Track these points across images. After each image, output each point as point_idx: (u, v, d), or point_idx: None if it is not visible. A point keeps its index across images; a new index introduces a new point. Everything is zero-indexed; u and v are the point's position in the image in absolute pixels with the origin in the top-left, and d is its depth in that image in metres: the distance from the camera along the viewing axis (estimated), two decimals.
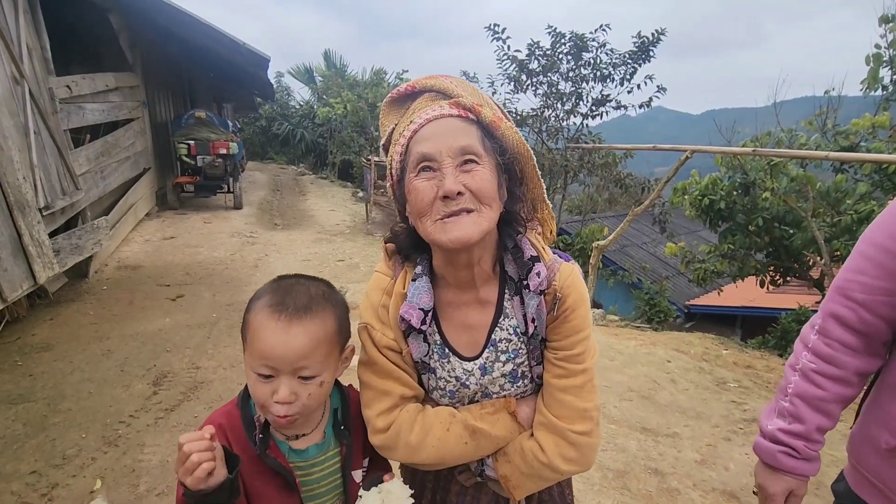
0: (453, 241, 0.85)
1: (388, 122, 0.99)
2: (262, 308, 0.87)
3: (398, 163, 0.92)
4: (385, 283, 1.01)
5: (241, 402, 0.94)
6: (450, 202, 0.85)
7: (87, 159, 5.10)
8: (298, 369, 0.86)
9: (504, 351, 0.98)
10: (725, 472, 2.60)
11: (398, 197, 0.95)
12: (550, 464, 0.95)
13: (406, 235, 0.98)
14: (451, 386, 1.00)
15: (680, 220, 11.81)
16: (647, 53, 7.88)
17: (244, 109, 17.25)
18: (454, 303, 1.00)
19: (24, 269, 3.46)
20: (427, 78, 0.96)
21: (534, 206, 1.00)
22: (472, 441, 0.96)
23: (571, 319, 0.95)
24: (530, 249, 0.95)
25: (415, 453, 0.96)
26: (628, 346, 4.33)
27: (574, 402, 0.95)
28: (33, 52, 4.09)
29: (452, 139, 0.86)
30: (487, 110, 0.90)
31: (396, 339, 0.98)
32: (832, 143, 5.34)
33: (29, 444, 2.51)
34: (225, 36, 7.07)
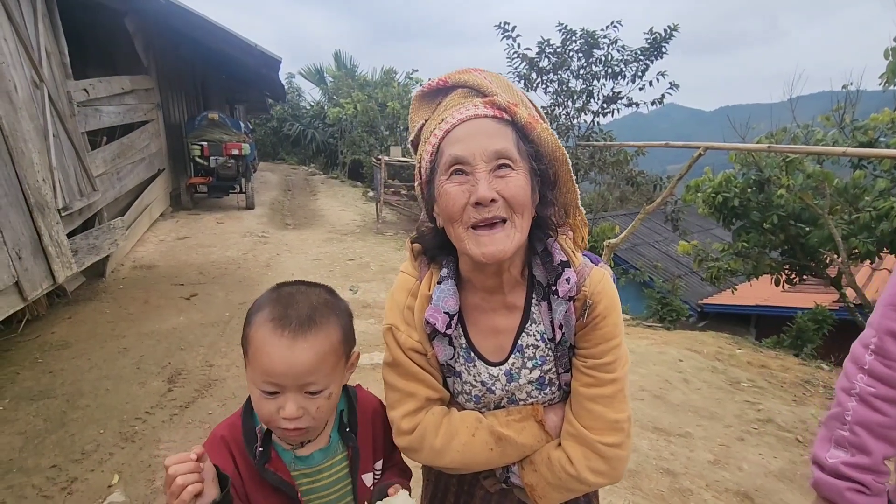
0: (487, 256, 0.83)
1: (418, 118, 0.96)
2: (263, 322, 0.83)
3: (428, 162, 0.89)
4: (410, 283, 0.99)
5: (245, 413, 0.92)
6: (482, 209, 0.82)
7: (104, 161, 5.19)
8: (305, 385, 0.83)
9: (531, 357, 0.96)
10: (739, 472, 2.58)
11: (426, 197, 0.92)
12: (579, 476, 0.92)
13: (433, 236, 0.96)
14: (476, 391, 0.98)
15: (692, 217, 11.67)
16: (660, 50, 7.78)
17: (256, 110, 17.42)
18: (480, 307, 0.97)
19: (44, 269, 3.54)
20: (459, 72, 0.93)
21: (566, 210, 0.96)
22: (498, 448, 0.94)
23: (602, 327, 0.92)
24: (560, 254, 0.92)
25: (439, 457, 0.95)
26: (640, 345, 4.30)
27: (604, 412, 0.92)
28: (52, 57, 4.18)
29: (487, 142, 0.83)
30: (523, 110, 0.87)
31: (421, 341, 0.96)
32: (850, 138, 5.23)
33: (49, 439, 2.57)
34: (238, 38, 7.15)
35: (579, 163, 8.40)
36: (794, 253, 5.96)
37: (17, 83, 3.46)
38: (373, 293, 5.02)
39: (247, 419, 0.91)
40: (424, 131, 0.93)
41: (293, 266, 5.81)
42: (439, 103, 0.94)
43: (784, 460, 2.67)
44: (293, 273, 5.50)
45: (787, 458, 2.69)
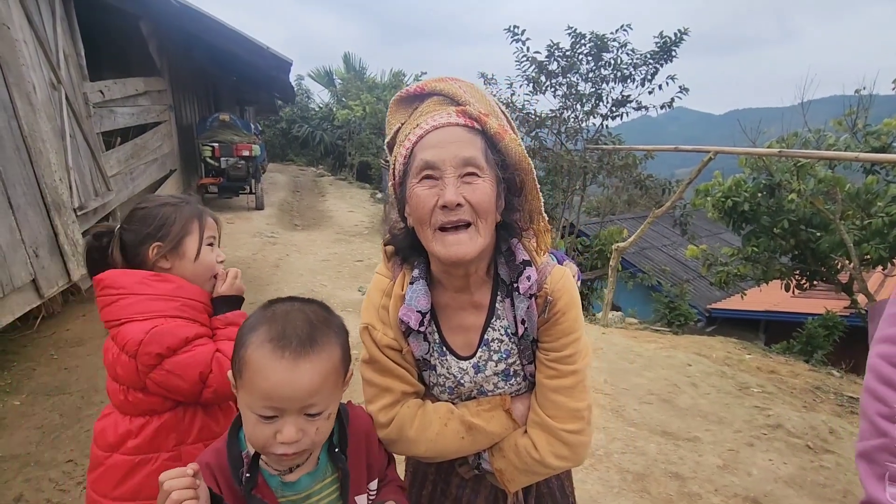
0: (451, 256, 0.89)
1: (395, 121, 1.01)
2: (261, 343, 0.79)
3: (402, 165, 0.95)
4: (384, 284, 1.04)
5: (230, 438, 0.88)
6: (449, 212, 0.88)
7: (118, 161, 5.27)
8: (306, 407, 0.80)
9: (496, 351, 1.02)
10: (748, 477, 2.57)
11: (398, 198, 0.98)
12: (543, 460, 0.99)
13: (404, 236, 1.01)
14: (450, 382, 1.05)
15: (701, 222, 11.59)
16: (670, 53, 7.76)
17: (265, 112, 17.56)
18: (450, 305, 1.03)
19: (60, 267, 3.60)
20: (436, 80, 0.98)
21: (531, 217, 1.01)
22: (469, 436, 1.01)
23: (562, 322, 0.98)
24: (522, 254, 0.98)
25: (415, 446, 1.01)
26: (648, 349, 4.29)
27: (566, 402, 0.99)
28: (69, 59, 4.26)
29: (456, 149, 0.88)
30: (493, 121, 0.92)
31: (397, 338, 1.01)
32: (862, 143, 5.19)
33: (65, 434, 2.62)
34: (249, 41, 7.23)
35: (588, 166, 8.39)
36: (804, 258, 5.91)
37: (37, 85, 3.53)
38: None
39: (232, 444, 0.87)
40: (400, 135, 0.99)
41: (302, 266, 5.86)
42: (415, 108, 0.99)
43: (794, 466, 2.66)
44: (302, 273, 5.55)
45: (796, 465, 2.67)
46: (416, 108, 0.99)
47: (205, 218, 1.28)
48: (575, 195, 9.19)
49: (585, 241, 10.46)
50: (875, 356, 0.88)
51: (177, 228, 1.23)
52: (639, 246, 12.04)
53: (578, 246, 9.98)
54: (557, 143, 8.64)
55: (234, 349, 0.84)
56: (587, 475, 2.52)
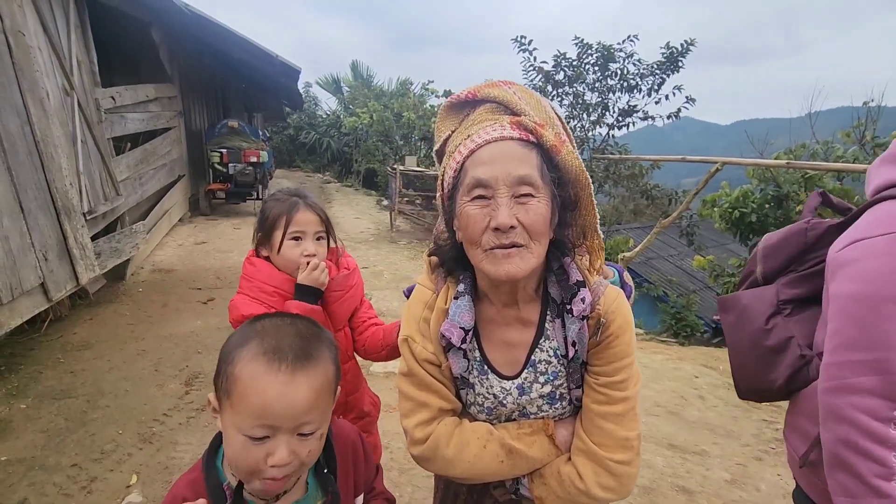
0: (502, 274, 0.85)
1: (445, 129, 0.98)
2: (253, 357, 0.74)
3: (451, 178, 0.91)
4: (427, 296, 1.01)
5: (207, 469, 0.82)
6: (501, 234, 0.84)
7: (128, 166, 5.32)
8: (301, 425, 0.75)
9: (543, 372, 0.97)
10: (756, 492, 2.53)
11: (447, 210, 0.94)
12: (588, 491, 0.94)
13: (450, 248, 0.98)
14: (488, 403, 1.00)
15: (708, 232, 11.53)
16: (676, 64, 7.78)
17: (273, 118, 17.73)
18: (495, 321, 0.99)
19: (69, 271, 3.63)
20: (489, 85, 0.94)
21: (584, 233, 0.96)
22: (508, 460, 0.96)
23: (615, 346, 0.94)
24: (576, 273, 0.93)
25: (451, 467, 0.97)
26: (654, 360, 4.25)
27: (615, 430, 0.94)
28: (82, 66, 4.32)
29: (511, 167, 0.83)
30: (549, 132, 0.87)
31: (436, 353, 0.98)
32: (871, 155, 5.16)
33: (70, 438, 2.62)
34: (259, 48, 7.32)
35: (594, 175, 8.39)
36: None
37: (50, 91, 3.59)
38: (386, 301, 5.05)
39: (211, 475, 0.81)
40: (450, 144, 0.95)
41: None
42: (466, 115, 0.95)
43: None
44: None
45: None
46: (468, 114, 0.94)
47: (294, 213, 1.39)
48: None
49: None
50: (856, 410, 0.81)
51: (269, 222, 1.41)
52: (645, 256, 11.99)
53: None
54: None
55: (217, 371, 0.78)
56: None
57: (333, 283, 1.47)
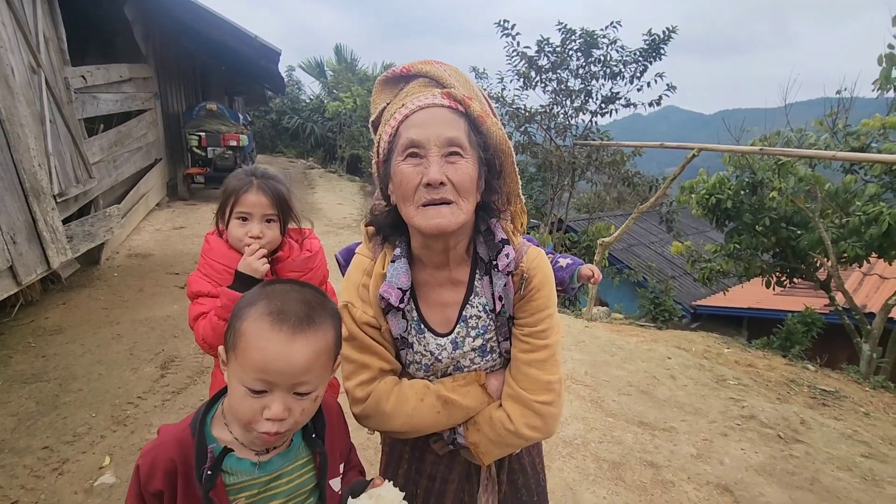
0: (433, 227, 0.92)
1: (380, 101, 1.03)
2: (259, 317, 0.80)
3: (386, 143, 0.97)
4: (365, 264, 1.06)
5: (196, 428, 0.85)
6: (432, 190, 0.90)
7: (101, 148, 5.19)
8: (297, 384, 0.81)
9: (474, 327, 1.05)
10: (720, 466, 2.63)
11: (381, 176, 1.00)
12: (517, 431, 1.02)
13: (386, 215, 1.04)
14: (426, 360, 1.07)
15: (688, 219, 11.74)
16: (658, 51, 7.82)
17: (255, 102, 17.38)
18: (429, 282, 1.06)
19: (39, 254, 3.55)
20: (422, 63, 1.01)
21: (508, 199, 1.05)
22: (445, 410, 1.03)
23: (536, 298, 1.02)
24: (501, 233, 1.01)
25: (390, 421, 1.03)
26: (629, 343, 4.35)
27: (539, 375, 1.02)
28: (50, 43, 4.18)
29: (441, 129, 0.91)
30: (476, 104, 0.95)
31: (376, 316, 1.03)
32: (842, 143, 5.29)
33: (41, 421, 2.60)
34: (237, 29, 7.14)
35: (576, 162, 8.44)
36: (785, 256, 6.02)
37: (15, 68, 3.47)
38: None
39: (200, 437, 0.85)
40: (385, 114, 1.01)
41: None
42: (401, 89, 1.01)
43: (764, 455, 2.73)
44: None
45: (767, 454, 2.74)
46: (402, 88, 1.01)
47: (242, 194, 1.40)
48: (564, 191, 9.25)
49: (574, 236, 10.54)
50: None
51: (223, 199, 1.43)
52: (626, 242, 12.16)
53: (566, 242, 10.05)
54: (547, 139, 8.68)
55: (228, 323, 0.85)
56: (564, 464, 2.56)
57: (292, 263, 1.48)
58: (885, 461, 2.74)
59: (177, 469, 0.83)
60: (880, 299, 6.84)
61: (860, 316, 5.36)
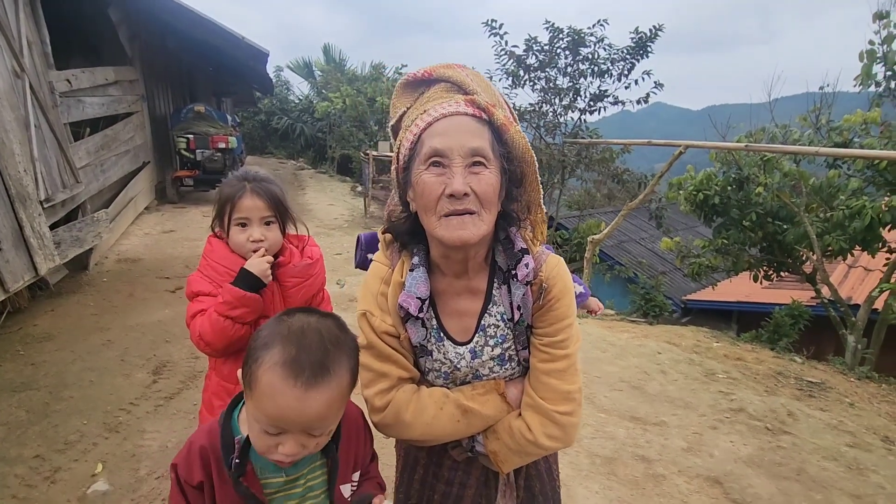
0: (455, 239, 0.91)
1: (400, 105, 1.02)
2: (273, 366, 0.78)
3: (407, 150, 0.95)
4: (383, 272, 1.05)
5: (224, 421, 0.90)
6: (455, 201, 0.89)
7: (87, 153, 5.14)
8: (309, 430, 0.83)
9: (492, 336, 1.04)
10: (710, 458, 2.67)
11: (401, 182, 0.99)
12: (536, 441, 1.01)
13: (404, 222, 1.02)
14: (445, 368, 1.06)
15: (678, 215, 11.84)
16: (645, 49, 7.89)
17: (243, 104, 17.25)
18: (448, 291, 1.05)
19: (26, 261, 3.51)
20: (444, 66, 0.99)
21: (529, 208, 1.03)
22: (464, 419, 1.02)
23: (556, 308, 1.01)
24: (521, 242, 1.00)
25: (410, 430, 1.02)
26: (621, 339, 4.40)
27: (558, 385, 1.01)
28: (33, 46, 4.13)
29: (465, 138, 0.90)
30: (500, 112, 0.94)
31: (395, 324, 1.03)
32: (825, 139, 5.38)
33: (32, 430, 2.57)
34: (224, 30, 7.10)
35: (566, 160, 8.49)
36: (771, 250, 6.12)
37: None
38: (359, 287, 5.05)
39: (226, 428, 0.89)
40: (406, 119, 0.99)
41: None
42: (421, 93, 1.00)
43: (753, 447, 2.78)
44: None
45: (756, 445, 2.79)
46: (422, 93, 0.99)
47: (238, 199, 1.40)
48: (554, 189, 9.30)
49: (565, 234, 10.60)
50: None
51: (219, 206, 1.44)
52: (617, 239, 12.25)
53: (558, 239, 10.11)
54: (537, 137, 8.72)
55: (245, 360, 0.84)
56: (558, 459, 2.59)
57: (293, 269, 1.48)
58: (870, 450, 2.80)
59: (210, 457, 0.86)
60: (864, 291, 6.97)
61: (845, 308, 5.46)
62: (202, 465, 0.86)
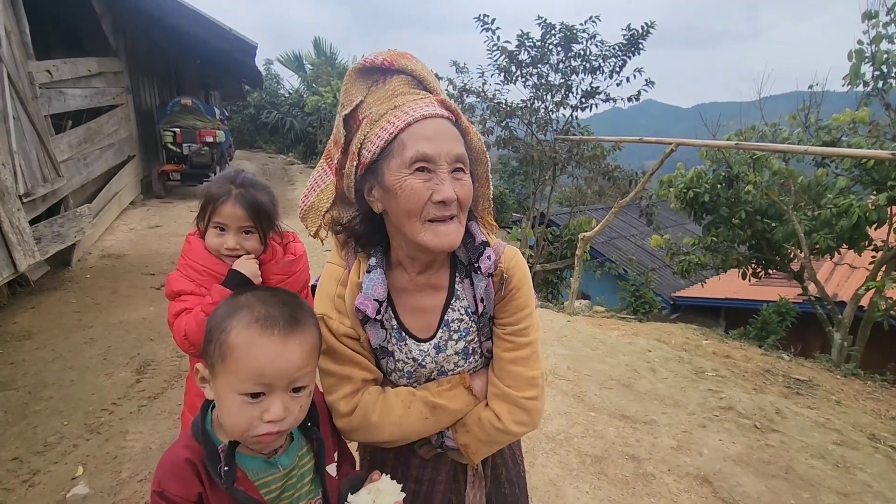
0: (444, 245, 0.91)
1: (356, 93, 0.96)
2: (247, 325, 0.81)
3: (378, 147, 0.90)
4: (339, 273, 1.04)
5: (198, 435, 0.87)
6: (443, 207, 0.90)
7: (69, 146, 5.02)
8: (294, 381, 0.83)
9: (456, 330, 1.05)
10: (699, 457, 2.68)
11: (358, 179, 0.95)
12: (506, 429, 1.04)
13: (362, 222, 1.00)
14: (408, 367, 1.06)
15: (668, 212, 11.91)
16: (637, 46, 7.87)
17: (232, 97, 17.00)
18: (407, 288, 1.04)
19: (4, 257, 3.42)
20: (400, 55, 0.95)
21: (478, 202, 1.06)
22: (433, 416, 1.03)
23: (517, 297, 1.03)
24: (481, 235, 1.01)
25: (378, 432, 1.01)
26: (610, 336, 4.40)
27: (523, 371, 1.04)
28: (11, 36, 4.00)
29: (450, 145, 0.90)
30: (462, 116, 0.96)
31: (354, 326, 1.01)
32: (814, 137, 5.42)
33: (10, 431, 2.50)
34: (211, 22, 6.95)
35: (557, 157, 8.48)
36: (760, 248, 6.17)
37: None
38: None
39: (206, 441, 0.86)
40: (366, 110, 0.94)
41: None
42: (376, 81, 0.95)
43: (742, 445, 2.79)
44: None
45: (744, 444, 2.81)
46: (377, 81, 0.95)
47: (219, 205, 1.38)
48: (546, 185, 9.29)
49: (556, 230, 10.61)
50: None
51: (202, 205, 1.42)
52: (608, 236, 12.30)
53: (549, 236, 10.11)
54: (528, 134, 8.69)
55: (206, 341, 0.84)
56: (547, 459, 2.58)
57: (276, 266, 1.47)
58: (856, 448, 2.83)
59: (200, 470, 0.84)
60: (850, 288, 7.07)
61: (832, 305, 5.53)
62: (196, 477, 0.84)
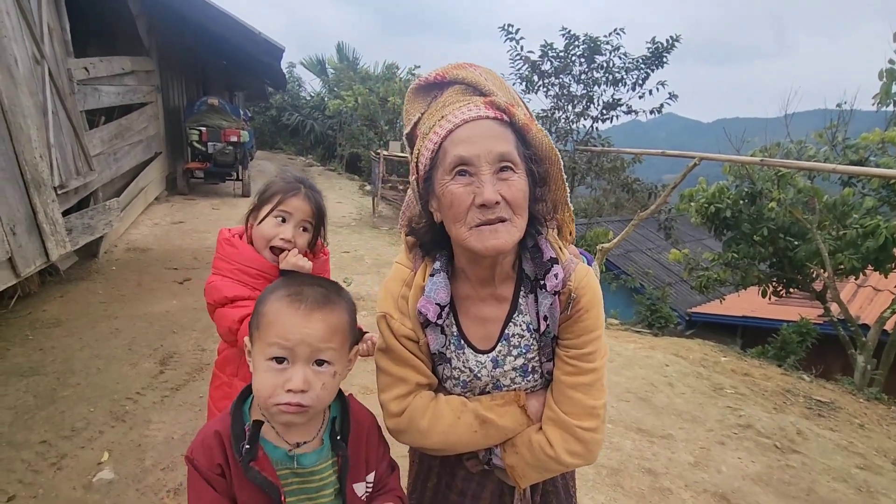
0: (489, 249, 0.87)
1: (414, 111, 0.98)
2: (279, 298, 0.86)
3: (428, 159, 0.91)
4: (405, 274, 1.02)
5: (234, 408, 0.91)
6: (486, 210, 0.86)
7: (101, 141, 5.16)
8: (316, 352, 0.84)
9: (516, 346, 1.01)
10: (718, 474, 2.64)
11: (422, 191, 0.95)
12: (557, 457, 0.97)
13: (427, 230, 0.99)
14: (464, 376, 1.03)
15: (685, 227, 11.79)
16: (661, 59, 7.86)
17: (255, 98, 17.31)
18: (471, 297, 1.02)
19: (38, 246, 3.53)
20: (455, 67, 0.95)
21: (554, 207, 1.00)
22: (482, 430, 0.99)
23: (584, 319, 0.97)
24: (549, 251, 0.96)
25: (425, 438, 1.00)
26: (627, 349, 4.37)
27: (583, 399, 0.98)
28: (53, 33, 4.15)
29: (491, 144, 0.86)
30: (520, 112, 0.90)
31: (414, 328, 0.99)
32: (841, 156, 5.34)
33: (39, 415, 2.58)
34: (241, 24, 7.12)
35: (577, 167, 8.46)
36: (781, 266, 6.07)
37: (18, 58, 3.44)
38: (366, 286, 5.05)
39: (236, 414, 0.89)
40: (421, 126, 0.95)
41: None
42: (434, 97, 0.96)
43: (761, 465, 2.75)
44: None
45: (764, 463, 2.76)
46: (436, 96, 0.96)
47: (288, 196, 1.39)
48: None
49: None
50: None
51: (265, 195, 1.42)
52: (624, 248, 12.20)
53: None
54: None
55: (251, 318, 0.90)
56: None
57: (317, 264, 1.49)
58: (880, 473, 2.76)
59: (224, 442, 0.87)
60: (873, 311, 6.91)
61: (855, 327, 5.41)
62: (220, 448, 0.87)
